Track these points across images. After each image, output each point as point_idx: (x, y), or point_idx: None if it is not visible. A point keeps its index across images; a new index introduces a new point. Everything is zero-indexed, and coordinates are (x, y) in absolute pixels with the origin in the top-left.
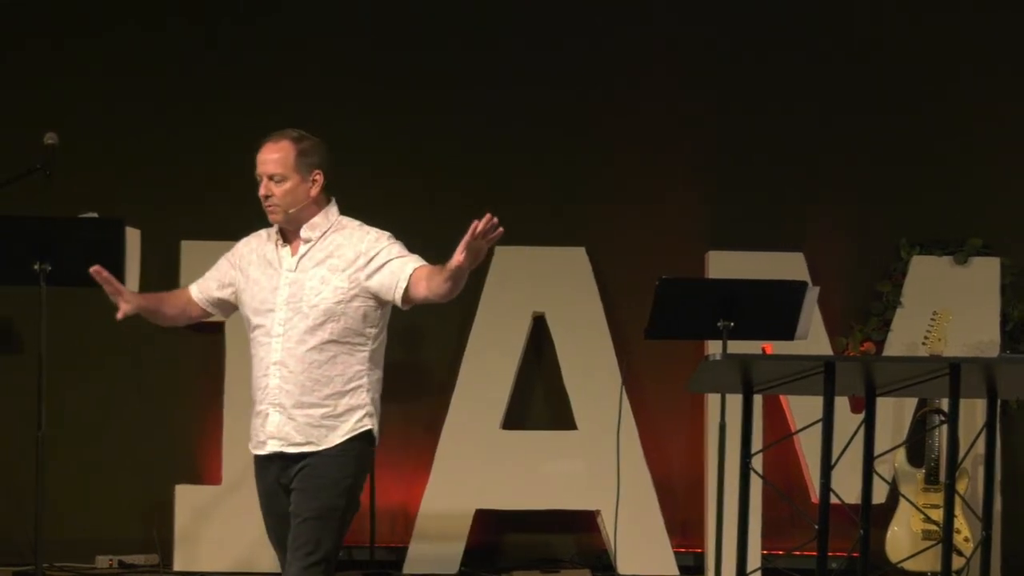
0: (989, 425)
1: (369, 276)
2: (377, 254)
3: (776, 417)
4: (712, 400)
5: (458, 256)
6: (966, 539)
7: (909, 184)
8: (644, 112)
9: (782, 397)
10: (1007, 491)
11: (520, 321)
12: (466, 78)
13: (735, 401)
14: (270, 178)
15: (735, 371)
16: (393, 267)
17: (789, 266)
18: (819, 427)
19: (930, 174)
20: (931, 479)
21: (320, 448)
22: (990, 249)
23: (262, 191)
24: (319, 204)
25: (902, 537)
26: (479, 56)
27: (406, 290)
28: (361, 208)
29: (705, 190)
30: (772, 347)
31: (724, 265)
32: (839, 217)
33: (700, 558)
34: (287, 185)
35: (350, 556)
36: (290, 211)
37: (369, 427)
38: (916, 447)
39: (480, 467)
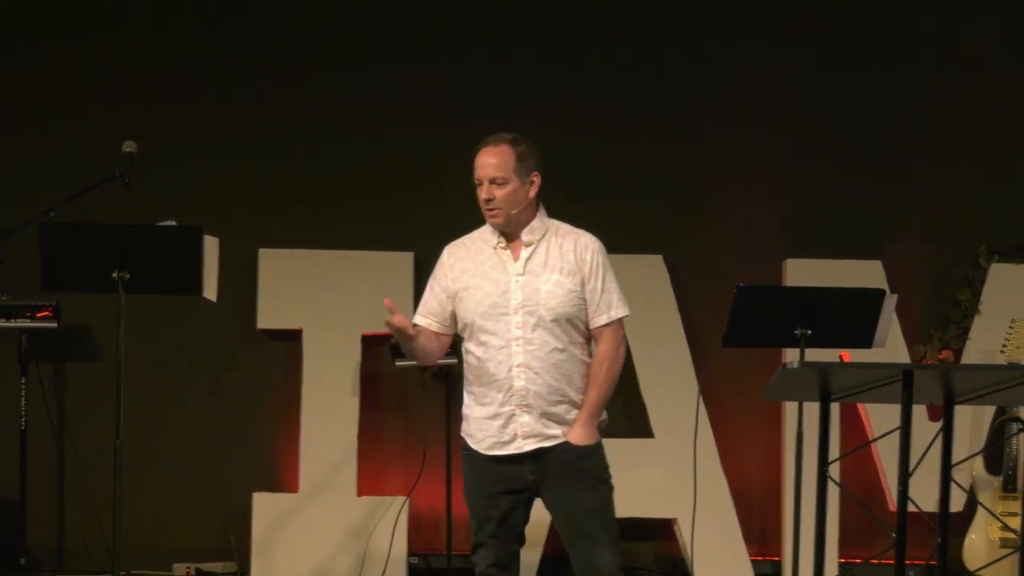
0: None
1: (587, 290)
2: (596, 274)
3: (853, 425)
4: (789, 408)
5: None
6: None
7: (988, 191)
8: (721, 118)
9: (860, 405)
10: None
11: None
12: (531, 85)
13: (812, 409)
14: (491, 181)
15: (813, 379)
16: (601, 305)
17: (867, 274)
18: (897, 435)
19: (1010, 180)
20: (1009, 487)
21: (562, 440)
22: None
23: (484, 195)
24: (535, 206)
25: (980, 545)
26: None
27: (592, 331)
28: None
29: (783, 197)
30: (850, 355)
31: (802, 273)
32: (917, 224)
33: (777, 566)
34: (508, 188)
35: (427, 564)
36: (511, 213)
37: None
38: (994, 455)
39: None
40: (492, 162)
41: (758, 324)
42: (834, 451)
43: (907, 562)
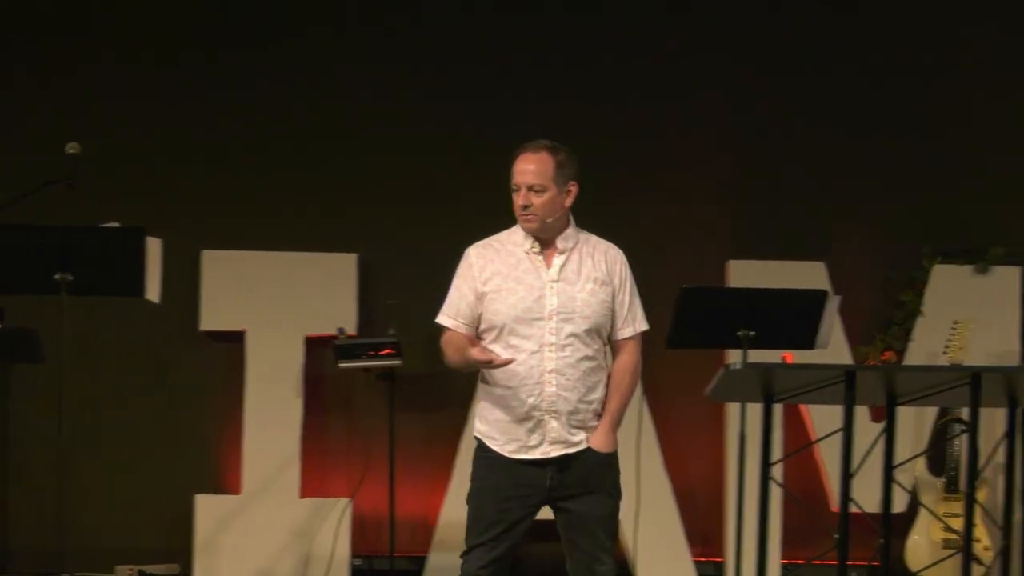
0: (1009, 434)
1: (616, 302)
2: (624, 286)
3: (796, 426)
4: (732, 409)
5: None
6: (986, 548)
7: (931, 193)
8: (663, 119)
9: (802, 406)
10: None
11: None
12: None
13: (755, 410)
14: (529, 188)
15: (756, 380)
16: (628, 318)
17: (810, 275)
18: (839, 436)
19: (952, 183)
20: (951, 488)
21: (586, 447)
22: (1012, 258)
23: (521, 200)
24: (567, 214)
25: (922, 546)
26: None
27: (615, 341)
28: None
29: (727, 199)
30: (793, 356)
31: (745, 274)
32: (861, 226)
33: (720, 567)
34: (546, 196)
35: (370, 566)
36: (547, 220)
37: None
38: (936, 456)
39: None
40: (531, 168)
41: (701, 325)
42: (777, 452)
43: (849, 563)
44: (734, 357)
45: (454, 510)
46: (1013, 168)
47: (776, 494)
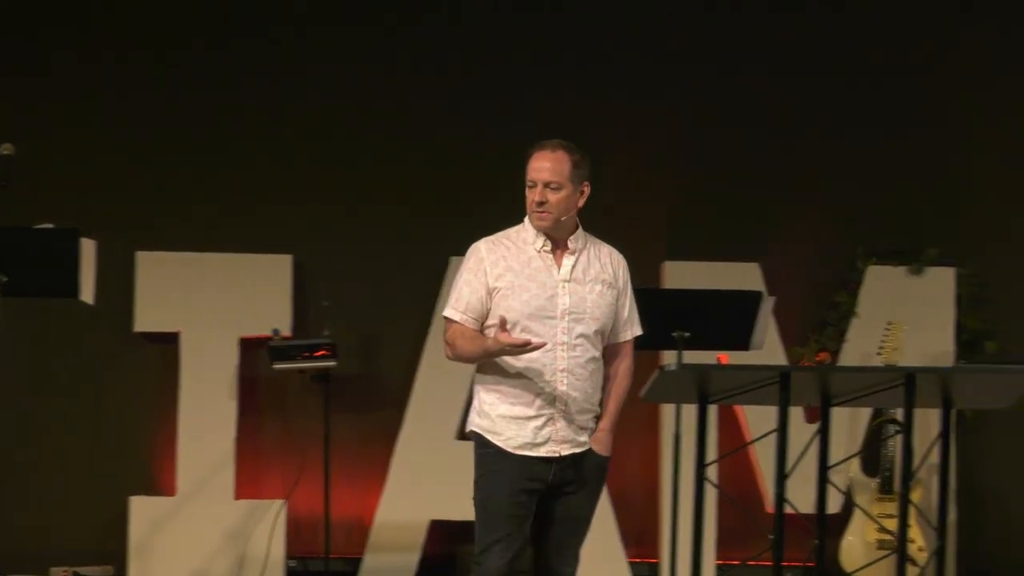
0: (944, 435)
1: (618, 305)
2: (626, 290)
3: (731, 427)
4: (667, 410)
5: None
6: (920, 549)
7: (866, 194)
8: (598, 119)
9: (737, 407)
10: (961, 501)
11: None
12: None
13: (691, 411)
14: (546, 185)
15: (690, 381)
16: (628, 322)
17: (745, 276)
18: (774, 437)
19: (887, 184)
20: (886, 489)
21: (588, 447)
22: (946, 259)
23: (537, 197)
24: (577, 216)
25: (857, 547)
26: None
27: (614, 344)
28: None
29: (661, 199)
30: (728, 357)
31: (680, 275)
32: (795, 227)
33: (655, 568)
34: (562, 194)
35: (305, 567)
36: (561, 219)
37: None
38: (871, 457)
39: (435, 478)
40: (548, 166)
41: None
42: (712, 453)
43: (784, 563)
44: (669, 358)
45: (390, 511)
46: (947, 169)
47: (711, 495)
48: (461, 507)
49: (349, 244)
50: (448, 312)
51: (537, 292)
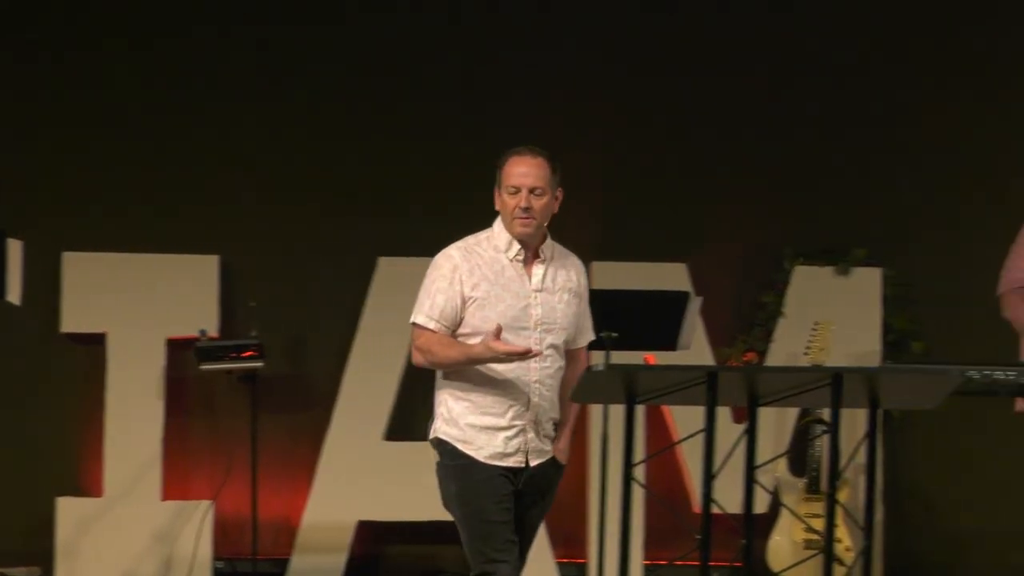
0: (870, 435)
1: (579, 313)
2: (584, 297)
3: (659, 427)
4: (595, 410)
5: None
6: (847, 548)
7: (792, 194)
8: (522, 118)
9: (665, 407)
10: (888, 501)
11: (403, 332)
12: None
13: (618, 411)
14: (531, 191)
15: (618, 381)
16: (585, 328)
17: (672, 276)
18: (701, 437)
19: (814, 184)
20: (813, 488)
21: (550, 456)
22: (873, 260)
23: (522, 203)
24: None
25: (784, 546)
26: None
27: (571, 350)
28: None
29: (587, 200)
30: (655, 357)
31: (607, 275)
32: (722, 228)
33: (583, 569)
34: (544, 200)
35: (233, 568)
36: (542, 225)
37: None
38: (798, 457)
39: (362, 478)
40: (533, 172)
41: None
42: (639, 453)
43: (711, 563)
44: (597, 358)
45: (317, 512)
46: (873, 169)
47: (638, 495)
48: (388, 507)
49: (276, 244)
50: (421, 319)
51: (512, 303)
